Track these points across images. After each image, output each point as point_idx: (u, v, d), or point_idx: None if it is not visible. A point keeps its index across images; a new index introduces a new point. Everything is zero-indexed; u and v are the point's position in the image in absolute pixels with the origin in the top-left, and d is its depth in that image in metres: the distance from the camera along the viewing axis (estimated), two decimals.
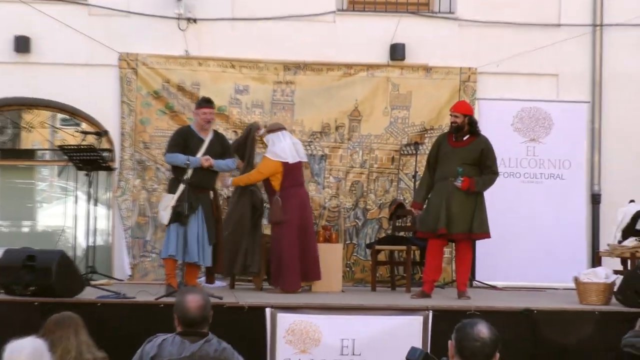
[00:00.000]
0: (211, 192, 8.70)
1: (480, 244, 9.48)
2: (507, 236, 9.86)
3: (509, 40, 10.74)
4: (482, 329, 3.65)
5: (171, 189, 8.57)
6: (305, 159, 9.49)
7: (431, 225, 8.56)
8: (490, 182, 8.68)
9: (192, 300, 4.63)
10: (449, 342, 3.72)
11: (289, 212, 8.97)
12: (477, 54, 10.74)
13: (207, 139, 8.64)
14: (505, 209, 9.94)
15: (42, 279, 7.51)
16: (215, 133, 8.87)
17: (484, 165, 8.65)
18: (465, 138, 8.65)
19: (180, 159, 8.39)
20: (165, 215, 8.44)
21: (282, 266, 8.97)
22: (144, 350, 4.67)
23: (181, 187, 8.38)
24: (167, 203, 8.46)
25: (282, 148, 9.10)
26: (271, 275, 9.22)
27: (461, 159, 8.53)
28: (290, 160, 9.08)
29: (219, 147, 8.71)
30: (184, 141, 8.58)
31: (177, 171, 8.54)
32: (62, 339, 5.33)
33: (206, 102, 8.77)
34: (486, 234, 8.66)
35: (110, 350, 5.71)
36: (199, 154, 8.50)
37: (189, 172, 8.37)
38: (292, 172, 9.10)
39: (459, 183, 8.47)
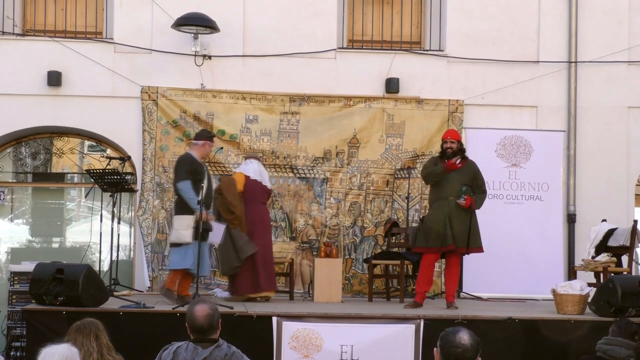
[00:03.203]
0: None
1: (467, 259, 9.46)
2: (491, 252, 9.80)
3: (493, 75, 10.79)
4: (464, 336, 3.63)
5: (184, 211, 8.31)
6: (267, 185, 9.46)
7: (438, 241, 8.48)
8: (483, 200, 8.69)
9: (200, 310, 4.62)
10: (434, 349, 3.70)
11: (249, 226, 9.10)
12: (464, 88, 10.78)
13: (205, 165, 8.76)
14: (490, 227, 9.90)
15: (69, 290, 7.52)
16: None
17: (475, 185, 8.66)
18: (458, 162, 8.67)
19: (192, 202, 8.20)
20: (187, 234, 8.20)
21: (237, 274, 9.07)
22: (161, 357, 4.64)
23: (197, 207, 8.18)
24: (188, 223, 8.23)
25: (247, 168, 9.37)
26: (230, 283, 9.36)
27: (457, 181, 8.53)
28: (252, 176, 9.27)
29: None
30: (194, 169, 8.41)
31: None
32: (84, 344, 5.30)
33: (214, 136, 8.90)
34: (480, 249, 8.65)
35: (131, 356, 5.70)
36: (206, 179, 8.37)
37: (202, 193, 8.16)
38: (252, 188, 9.24)
39: (462, 201, 8.44)
